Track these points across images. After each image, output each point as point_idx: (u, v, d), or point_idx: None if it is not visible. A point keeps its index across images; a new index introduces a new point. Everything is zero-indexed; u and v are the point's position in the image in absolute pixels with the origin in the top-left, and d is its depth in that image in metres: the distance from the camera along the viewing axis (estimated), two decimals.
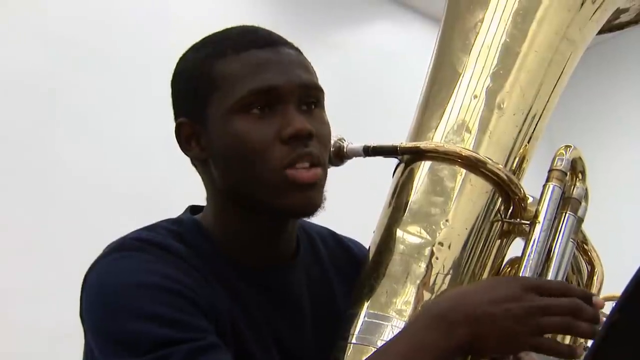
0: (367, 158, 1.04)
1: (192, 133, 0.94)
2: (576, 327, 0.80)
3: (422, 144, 1.01)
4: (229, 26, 0.99)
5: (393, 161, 1.07)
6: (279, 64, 0.91)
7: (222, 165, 0.93)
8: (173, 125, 0.97)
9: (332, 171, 1.03)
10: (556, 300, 0.81)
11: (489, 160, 0.98)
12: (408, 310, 0.90)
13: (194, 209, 1.02)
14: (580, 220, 1.01)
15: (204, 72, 0.92)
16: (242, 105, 0.89)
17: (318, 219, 1.04)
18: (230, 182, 0.93)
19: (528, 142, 1.05)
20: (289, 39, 0.97)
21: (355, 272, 1.02)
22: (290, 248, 1.00)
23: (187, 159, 0.99)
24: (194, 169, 0.99)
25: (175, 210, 1.04)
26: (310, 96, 0.93)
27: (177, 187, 1.33)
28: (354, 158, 1.05)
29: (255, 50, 0.91)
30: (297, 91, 0.91)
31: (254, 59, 0.91)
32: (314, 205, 0.91)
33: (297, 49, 0.96)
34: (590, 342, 0.80)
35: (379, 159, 1.04)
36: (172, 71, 0.99)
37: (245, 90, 0.89)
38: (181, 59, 0.98)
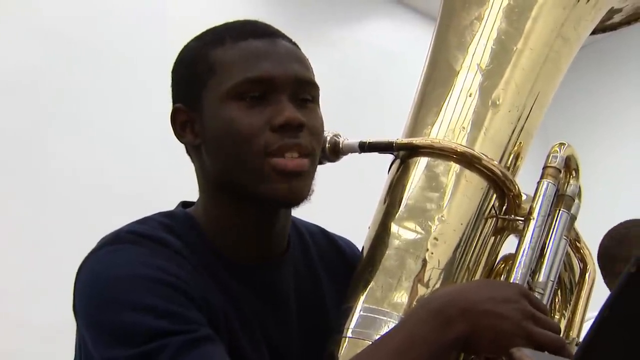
0: (363, 154, 1.05)
1: (187, 119, 0.94)
2: (568, 350, 0.80)
3: (418, 140, 1.01)
4: None
5: (388, 157, 1.07)
6: (276, 55, 0.91)
7: (213, 151, 0.93)
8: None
9: (327, 167, 1.03)
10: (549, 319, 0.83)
11: (484, 157, 0.98)
12: (403, 304, 0.90)
13: (185, 205, 1.01)
14: (573, 218, 1.02)
15: (202, 58, 0.93)
16: (237, 92, 0.89)
17: (312, 215, 1.04)
18: (219, 169, 0.93)
19: (523, 140, 1.05)
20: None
21: (345, 270, 1.02)
22: (281, 244, 1.00)
23: (187, 159, 0.99)
24: (193, 169, 0.99)
25: None
26: (304, 91, 0.93)
27: (176, 188, 1.34)
28: (350, 154, 1.05)
29: (253, 40, 0.92)
30: (291, 84, 0.91)
31: (251, 48, 0.91)
32: (298, 195, 0.90)
33: (295, 44, 0.97)
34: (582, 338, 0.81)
35: (374, 155, 1.05)
36: (170, 69, 0.99)
37: (241, 77, 0.89)
38: (183, 48, 0.99)
